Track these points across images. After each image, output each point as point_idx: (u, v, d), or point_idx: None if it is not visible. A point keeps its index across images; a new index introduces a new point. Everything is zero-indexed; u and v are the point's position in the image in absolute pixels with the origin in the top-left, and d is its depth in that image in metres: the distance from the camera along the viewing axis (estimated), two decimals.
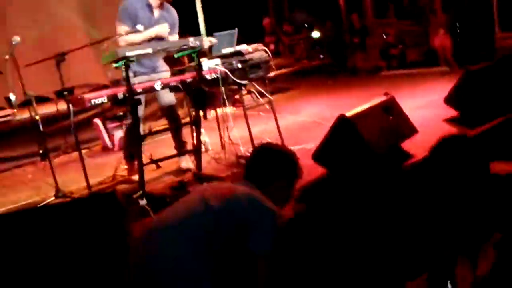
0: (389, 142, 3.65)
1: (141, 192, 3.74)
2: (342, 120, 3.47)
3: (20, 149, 5.78)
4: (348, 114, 3.48)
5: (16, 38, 4.12)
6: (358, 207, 2.89)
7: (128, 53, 3.44)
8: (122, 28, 4.08)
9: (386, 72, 8.95)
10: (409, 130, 3.89)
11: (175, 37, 4.36)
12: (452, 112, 4.68)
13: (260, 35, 10.14)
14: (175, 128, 4.51)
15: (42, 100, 6.85)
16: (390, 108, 3.81)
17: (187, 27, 6.03)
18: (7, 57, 4.21)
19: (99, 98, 3.48)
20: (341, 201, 3.09)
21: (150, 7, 4.16)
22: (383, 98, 3.89)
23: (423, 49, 8.82)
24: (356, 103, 3.92)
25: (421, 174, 3.27)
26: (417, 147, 3.73)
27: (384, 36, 9.41)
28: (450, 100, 4.68)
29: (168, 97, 4.34)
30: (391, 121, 3.74)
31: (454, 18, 8.11)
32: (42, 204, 3.99)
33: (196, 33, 9.82)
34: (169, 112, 4.49)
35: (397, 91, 4.12)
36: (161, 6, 4.21)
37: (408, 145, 3.81)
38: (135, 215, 3.43)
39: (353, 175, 3.37)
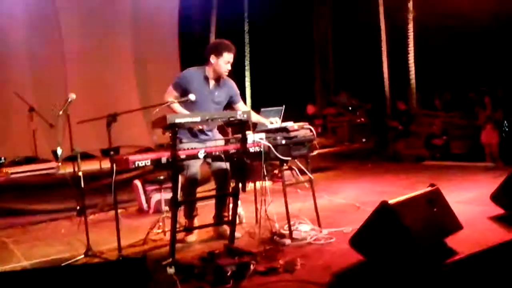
0: (432, 236, 3.49)
1: (171, 259, 3.69)
2: (384, 207, 3.35)
3: (58, 203, 5.83)
4: (391, 201, 3.36)
5: (72, 96, 4.22)
6: None
7: (177, 120, 3.52)
8: (171, 93, 4.31)
9: (429, 162, 8.80)
10: (454, 225, 3.71)
11: (240, 104, 4.56)
12: (498, 210, 4.49)
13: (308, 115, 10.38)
14: (222, 196, 4.49)
15: (87, 156, 7.04)
16: (435, 200, 3.67)
17: None
18: (60, 113, 4.24)
19: (143, 160, 3.52)
20: None
21: (207, 79, 4.34)
22: (428, 188, 3.77)
23: (468, 142, 8.67)
24: (396, 190, 3.82)
25: (465, 273, 3.10)
26: (461, 244, 3.56)
27: (429, 126, 9.35)
28: (497, 198, 4.52)
29: (221, 163, 4.32)
30: (435, 213, 3.60)
31: (503, 114, 8.01)
32: (70, 262, 3.97)
33: None
34: (221, 177, 4.43)
35: (439, 182, 3.98)
36: (217, 79, 4.38)
37: (452, 241, 3.63)
38: (161, 283, 3.35)
39: (391, 266, 3.20)
